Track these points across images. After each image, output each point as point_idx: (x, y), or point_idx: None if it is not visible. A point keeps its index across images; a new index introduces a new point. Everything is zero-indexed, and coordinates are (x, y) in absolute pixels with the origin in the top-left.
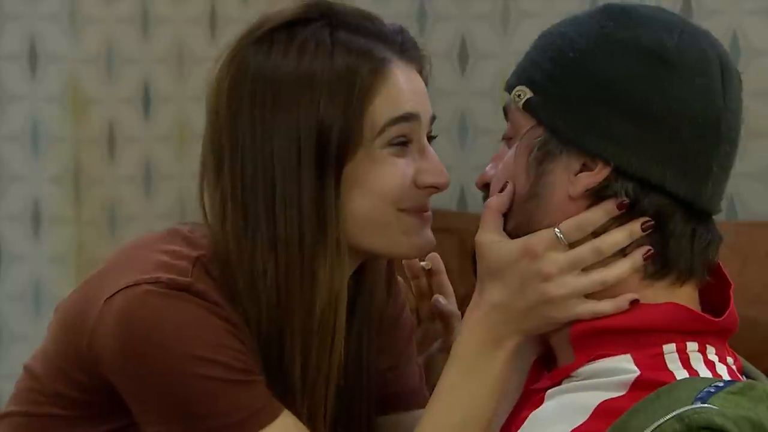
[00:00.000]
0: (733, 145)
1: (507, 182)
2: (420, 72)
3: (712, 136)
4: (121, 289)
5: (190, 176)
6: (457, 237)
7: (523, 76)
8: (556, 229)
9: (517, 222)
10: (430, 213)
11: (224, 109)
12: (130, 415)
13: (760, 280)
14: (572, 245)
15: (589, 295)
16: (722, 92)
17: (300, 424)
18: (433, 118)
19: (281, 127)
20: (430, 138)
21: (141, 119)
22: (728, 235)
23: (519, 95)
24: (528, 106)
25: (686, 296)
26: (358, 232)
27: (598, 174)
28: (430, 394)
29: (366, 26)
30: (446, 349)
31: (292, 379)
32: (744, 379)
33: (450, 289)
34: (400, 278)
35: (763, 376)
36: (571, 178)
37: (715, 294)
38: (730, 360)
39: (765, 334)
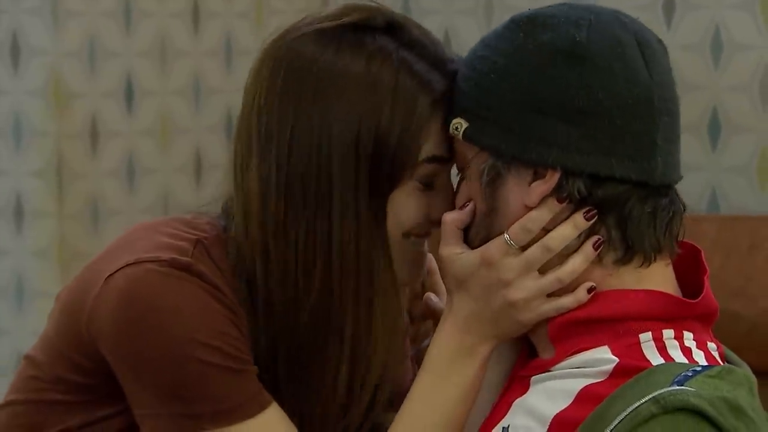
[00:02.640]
0: (673, 115)
1: (469, 200)
2: None
3: (646, 114)
4: (122, 267)
5: (173, 170)
6: None
7: (456, 108)
8: (505, 235)
9: (481, 237)
10: (427, 245)
11: (280, 92)
12: (125, 401)
13: (743, 273)
14: (526, 248)
15: (557, 292)
16: (646, 68)
17: (286, 418)
18: None
19: (341, 123)
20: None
21: (123, 113)
22: (710, 230)
23: (456, 128)
24: (467, 136)
25: (659, 277)
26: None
27: (549, 181)
28: None
29: (427, 49)
30: None
31: (334, 382)
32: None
33: (443, 288)
34: None
35: (744, 364)
36: (524, 189)
37: (694, 281)
38: (711, 345)
39: (747, 328)
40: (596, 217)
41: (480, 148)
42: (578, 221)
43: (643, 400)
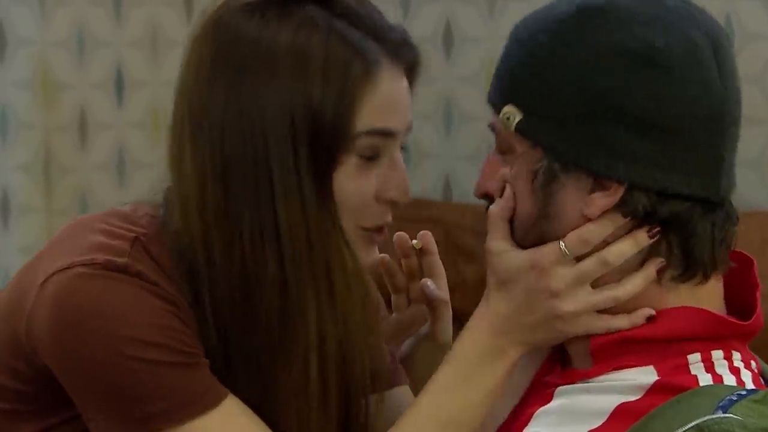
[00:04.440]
0: (738, 124)
1: (505, 185)
2: (411, 71)
3: (718, 127)
4: (55, 273)
5: (165, 164)
6: (441, 227)
7: (507, 94)
8: (561, 243)
9: (531, 242)
10: (385, 231)
11: (208, 72)
12: (75, 407)
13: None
14: (581, 258)
15: (609, 309)
16: (719, 77)
17: (246, 409)
18: (409, 128)
19: (273, 101)
20: (402, 148)
21: (113, 105)
22: None
23: (509, 118)
24: (520, 130)
25: (709, 295)
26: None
27: (614, 194)
28: (410, 378)
29: (363, 19)
30: (432, 336)
31: (309, 384)
32: (764, 383)
33: (441, 270)
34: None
35: None
36: (584, 196)
37: (741, 294)
38: (753, 364)
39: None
40: (659, 236)
41: (533, 145)
42: (640, 238)
43: (687, 426)
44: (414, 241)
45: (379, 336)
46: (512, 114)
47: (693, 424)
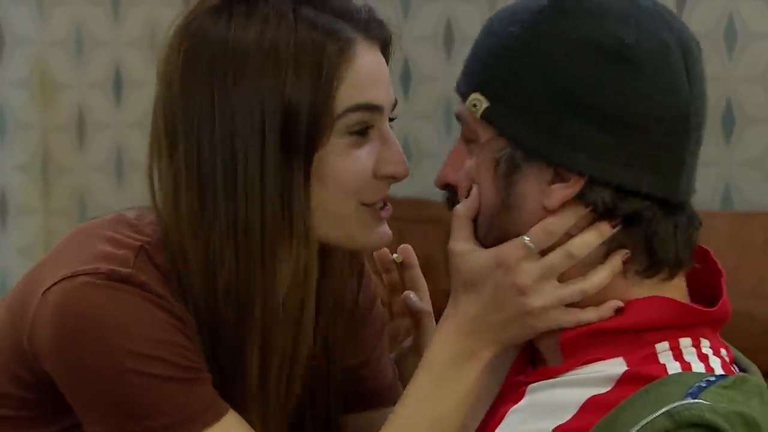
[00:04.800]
0: (701, 129)
1: (472, 186)
2: (385, 48)
3: (682, 129)
4: (59, 281)
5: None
6: (442, 227)
7: (475, 82)
8: (525, 237)
9: (494, 236)
10: (390, 207)
11: (178, 82)
12: (77, 416)
13: (757, 272)
14: (545, 252)
15: (577, 303)
16: (687, 81)
17: (245, 424)
18: (395, 104)
19: (244, 103)
20: (390, 120)
21: (112, 105)
22: (723, 227)
23: (475, 105)
24: (486, 117)
25: (674, 288)
26: (314, 222)
27: (573, 186)
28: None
29: (329, 2)
30: (416, 349)
31: (249, 375)
32: (737, 370)
33: (423, 283)
34: (370, 271)
35: (754, 367)
36: (544, 188)
37: (706, 283)
38: (723, 352)
39: (762, 329)
40: (621, 227)
41: (498, 133)
42: (604, 229)
43: (656, 414)
44: (395, 255)
45: (383, 352)
46: (479, 101)
47: (663, 410)
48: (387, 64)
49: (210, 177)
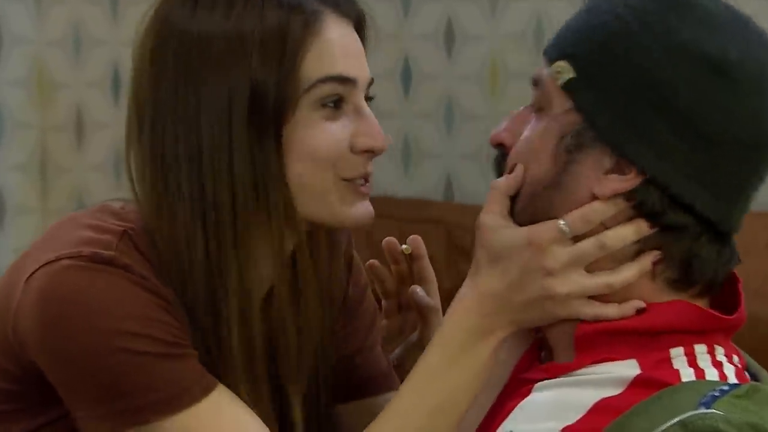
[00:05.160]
0: (767, 163)
1: (516, 165)
2: (359, 28)
3: (756, 160)
4: (41, 266)
5: None
6: (443, 228)
7: (566, 49)
8: (561, 221)
9: (530, 213)
10: (369, 184)
11: (147, 69)
12: (64, 406)
13: (761, 272)
14: (578, 239)
15: (599, 297)
16: None
17: (236, 398)
18: (371, 81)
19: (210, 89)
20: (368, 99)
21: (110, 104)
22: None
23: (559, 71)
24: (569, 87)
25: (698, 297)
26: (292, 196)
27: (630, 181)
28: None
29: None
30: (421, 344)
31: (232, 357)
32: (749, 377)
33: (431, 274)
34: (360, 265)
35: (765, 373)
36: (599, 175)
37: (722, 289)
38: (735, 359)
39: (766, 331)
40: (660, 230)
41: (575, 107)
42: (642, 227)
43: (669, 423)
44: (404, 246)
45: (376, 340)
46: (563, 69)
47: (676, 420)
48: (364, 43)
49: (173, 159)
